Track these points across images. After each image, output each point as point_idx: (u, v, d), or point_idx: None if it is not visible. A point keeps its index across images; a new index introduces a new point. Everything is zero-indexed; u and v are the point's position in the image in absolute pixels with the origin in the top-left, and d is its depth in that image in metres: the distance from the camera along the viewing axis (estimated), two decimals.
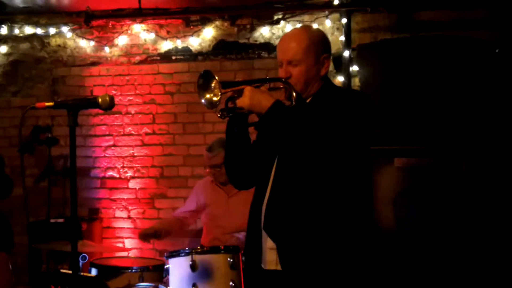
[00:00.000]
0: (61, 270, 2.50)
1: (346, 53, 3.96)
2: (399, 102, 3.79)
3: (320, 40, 1.97)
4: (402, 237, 3.47)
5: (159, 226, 3.40)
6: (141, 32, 4.32)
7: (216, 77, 1.78)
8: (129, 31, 4.34)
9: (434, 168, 3.46)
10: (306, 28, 2.08)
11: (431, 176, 3.47)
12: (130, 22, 4.32)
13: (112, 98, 1.78)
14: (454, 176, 3.44)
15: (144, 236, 3.28)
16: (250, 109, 1.82)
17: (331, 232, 1.85)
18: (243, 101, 1.82)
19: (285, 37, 2.00)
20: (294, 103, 1.88)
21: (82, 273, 2.60)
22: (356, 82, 4.02)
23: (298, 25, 4.11)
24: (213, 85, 1.79)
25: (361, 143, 1.85)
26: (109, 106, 1.77)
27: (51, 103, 1.78)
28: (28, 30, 4.42)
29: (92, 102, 1.78)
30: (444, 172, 3.45)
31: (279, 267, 1.87)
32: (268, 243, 1.89)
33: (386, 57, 3.94)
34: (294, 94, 1.88)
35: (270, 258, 1.89)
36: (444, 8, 3.88)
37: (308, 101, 1.97)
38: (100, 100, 1.77)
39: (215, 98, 1.79)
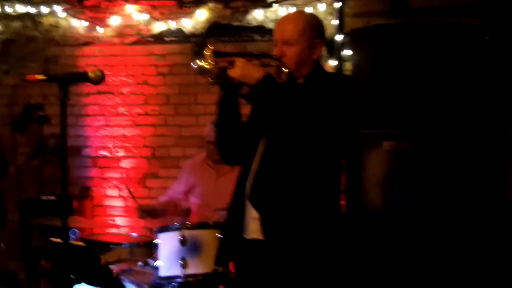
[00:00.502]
0: (51, 239, 2.54)
1: (339, 38, 3.99)
2: (390, 86, 3.82)
3: (316, 25, 2.05)
4: (389, 219, 3.53)
5: (156, 206, 3.41)
6: (134, 13, 4.32)
7: (210, 46, 1.85)
8: (122, 12, 4.33)
9: (422, 152, 3.51)
10: (304, 12, 2.21)
11: (419, 161, 3.52)
12: (123, 2, 4.31)
13: (102, 73, 1.82)
14: (441, 161, 3.49)
15: (142, 211, 3.28)
16: (240, 79, 1.88)
17: (313, 206, 1.93)
18: (235, 71, 1.87)
19: (283, 18, 2.09)
20: (284, 80, 1.94)
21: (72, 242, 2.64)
22: (348, 66, 4.06)
23: (292, 9, 4.13)
24: (207, 53, 1.85)
25: (346, 124, 1.91)
26: (99, 81, 1.81)
27: (42, 76, 1.81)
28: (20, 8, 4.40)
29: (83, 76, 1.82)
30: (431, 157, 3.50)
31: (261, 237, 1.93)
32: (252, 213, 1.96)
33: (379, 42, 3.95)
34: (285, 70, 1.94)
35: (253, 228, 1.95)
36: None
37: (298, 81, 2.03)
38: (91, 74, 1.80)
39: (207, 66, 1.86)
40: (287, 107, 1.83)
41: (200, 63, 1.86)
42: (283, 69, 1.95)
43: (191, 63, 1.88)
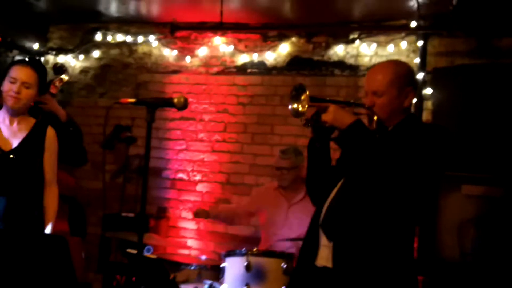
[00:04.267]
0: (128, 250, 2.70)
1: (420, 76, 3.95)
2: (471, 128, 3.71)
3: (405, 74, 2.08)
4: (464, 266, 3.37)
5: (212, 211, 3.77)
6: (220, 45, 4.55)
7: (307, 92, 1.98)
8: (209, 43, 4.59)
9: (503, 198, 3.35)
10: (393, 62, 2.22)
11: (499, 207, 3.36)
12: (211, 35, 4.57)
13: (186, 100, 1.97)
14: None
15: (196, 214, 3.64)
16: (332, 123, 1.96)
17: (383, 242, 1.94)
18: (327, 116, 1.97)
19: (373, 69, 2.14)
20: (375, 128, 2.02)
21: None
22: (428, 105, 3.99)
23: (373, 45, 4.16)
24: (303, 97, 1.98)
25: (430, 177, 1.93)
26: (183, 106, 1.96)
27: (133, 100, 2.00)
28: (119, 37, 4.80)
29: (168, 102, 1.97)
30: None
31: (329, 264, 1.97)
32: (323, 240, 2.01)
33: (462, 82, 3.87)
34: (375, 118, 2.02)
35: (323, 255, 2.00)
36: None
37: (389, 129, 2.07)
38: (175, 100, 1.96)
39: (301, 109, 1.99)
40: (372, 153, 1.89)
41: (295, 106, 1.99)
42: (373, 117, 2.02)
43: (288, 106, 2.00)
